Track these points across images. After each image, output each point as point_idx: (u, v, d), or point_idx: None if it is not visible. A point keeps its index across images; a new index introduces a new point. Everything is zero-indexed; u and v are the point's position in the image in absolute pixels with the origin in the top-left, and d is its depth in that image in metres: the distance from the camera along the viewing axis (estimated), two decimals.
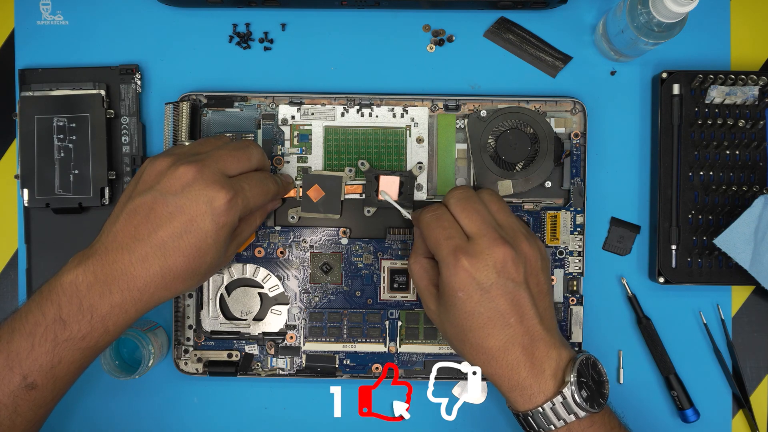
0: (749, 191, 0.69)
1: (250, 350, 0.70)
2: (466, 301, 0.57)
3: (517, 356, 0.57)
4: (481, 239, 0.57)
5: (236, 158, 0.59)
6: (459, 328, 0.58)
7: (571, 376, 0.56)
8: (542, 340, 0.57)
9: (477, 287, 0.56)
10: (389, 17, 0.72)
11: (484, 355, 0.57)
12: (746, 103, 0.68)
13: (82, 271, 0.55)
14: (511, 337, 0.57)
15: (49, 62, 0.71)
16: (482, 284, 0.56)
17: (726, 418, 0.71)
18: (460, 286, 0.57)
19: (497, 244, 0.57)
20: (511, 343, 0.57)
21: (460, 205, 0.59)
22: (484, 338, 0.57)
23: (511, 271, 0.57)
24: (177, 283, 0.57)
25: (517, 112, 0.69)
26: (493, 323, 0.57)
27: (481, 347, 0.57)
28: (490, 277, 0.56)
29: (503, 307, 0.56)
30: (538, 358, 0.57)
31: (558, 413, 0.56)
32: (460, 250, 0.57)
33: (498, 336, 0.57)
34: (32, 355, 0.54)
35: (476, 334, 0.57)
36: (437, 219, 0.60)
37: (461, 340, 0.58)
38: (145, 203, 0.56)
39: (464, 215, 0.59)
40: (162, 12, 0.71)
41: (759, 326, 0.71)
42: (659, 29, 0.62)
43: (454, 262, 0.57)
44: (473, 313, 0.57)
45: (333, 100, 0.69)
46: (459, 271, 0.57)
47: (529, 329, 0.57)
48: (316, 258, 0.69)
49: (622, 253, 0.71)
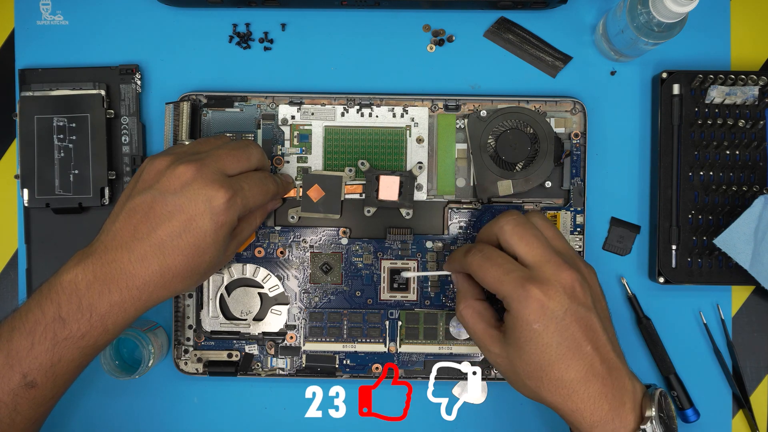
0: (749, 191, 0.69)
1: (250, 350, 0.70)
2: (542, 333, 0.54)
3: (598, 388, 0.54)
4: (545, 266, 0.55)
5: (236, 158, 0.59)
6: (535, 364, 0.55)
7: (653, 410, 0.54)
8: (617, 370, 0.55)
9: (552, 316, 0.54)
10: (389, 17, 0.72)
11: (565, 389, 0.54)
12: (746, 103, 0.68)
13: (82, 269, 0.55)
14: (590, 366, 0.54)
15: (49, 62, 0.71)
16: (556, 312, 0.54)
17: (726, 418, 0.71)
18: (535, 317, 0.54)
19: (563, 268, 0.55)
20: (591, 373, 0.54)
21: (518, 233, 0.57)
22: (564, 371, 0.54)
23: (580, 296, 0.55)
24: (176, 282, 0.57)
25: (517, 112, 0.69)
26: (572, 353, 0.54)
27: (561, 381, 0.54)
28: (563, 303, 0.54)
29: (579, 335, 0.54)
30: (617, 390, 0.54)
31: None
32: (528, 280, 0.54)
33: (577, 367, 0.54)
34: (32, 353, 0.54)
35: (555, 367, 0.54)
36: (488, 258, 0.57)
37: (538, 377, 0.55)
38: (144, 202, 0.56)
39: (523, 243, 0.57)
40: (162, 12, 0.71)
41: (759, 326, 0.71)
42: (659, 29, 0.62)
43: (524, 294, 0.54)
44: (550, 345, 0.54)
45: (333, 100, 0.69)
46: (531, 302, 0.54)
47: (605, 357, 0.55)
48: (316, 258, 0.69)
49: (622, 253, 0.71)
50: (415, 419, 0.71)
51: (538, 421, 0.71)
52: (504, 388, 0.70)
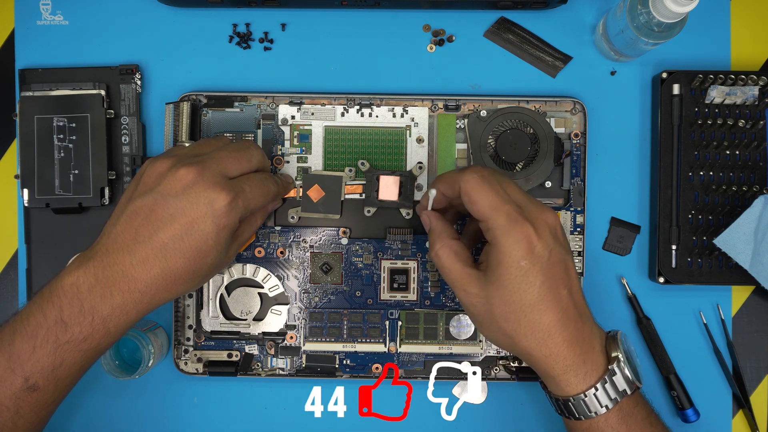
0: (749, 191, 0.69)
1: (250, 350, 0.70)
2: (528, 271, 0.53)
3: (571, 332, 0.54)
4: (530, 205, 0.55)
5: (236, 159, 0.59)
6: (515, 305, 0.54)
7: (620, 352, 0.54)
8: (586, 315, 0.56)
9: (539, 255, 0.54)
10: (389, 17, 0.72)
11: (541, 332, 0.54)
12: (746, 103, 0.68)
13: (83, 273, 0.55)
14: (566, 310, 0.54)
15: (49, 62, 0.71)
16: (542, 252, 0.54)
17: (726, 418, 0.71)
18: (523, 254, 0.53)
19: (544, 209, 0.55)
20: (566, 317, 0.54)
21: (497, 177, 0.56)
22: (543, 313, 0.54)
23: (561, 237, 0.55)
24: (178, 284, 0.57)
25: (517, 112, 0.69)
26: (551, 295, 0.54)
27: (539, 324, 0.54)
28: (549, 243, 0.54)
29: (559, 276, 0.54)
30: (587, 334, 0.55)
31: (609, 392, 0.54)
32: (521, 214, 0.54)
33: (554, 310, 0.54)
34: (34, 357, 0.54)
35: (535, 308, 0.54)
36: (487, 181, 0.55)
37: (516, 320, 0.54)
38: (145, 205, 0.56)
39: (509, 185, 0.56)
40: (162, 12, 0.71)
41: (759, 326, 0.71)
42: (659, 29, 0.62)
43: (517, 228, 0.53)
44: (534, 285, 0.54)
45: (333, 100, 0.69)
46: (522, 237, 0.53)
47: (577, 302, 0.55)
48: (316, 258, 0.69)
49: (622, 253, 0.71)
50: (415, 419, 0.71)
51: (538, 422, 0.71)
52: (504, 388, 0.70)
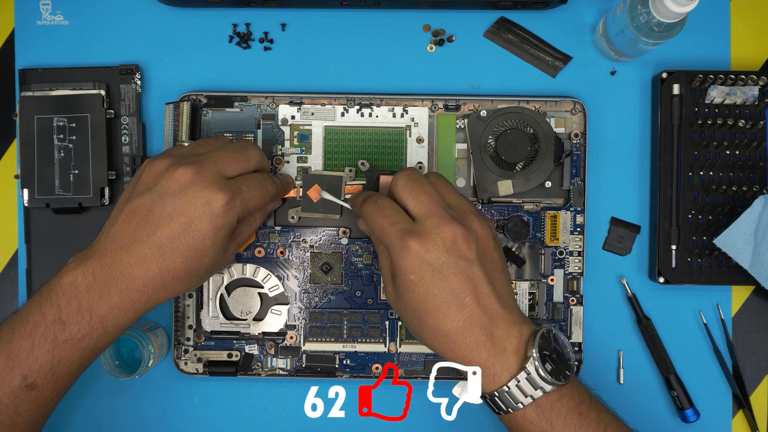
0: (749, 191, 0.69)
1: (250, 350, 0.70)
2: (418, 283, 0.56)
3: (476, 336, 0.55)
4: (428, 219, 0.56)
5: (235, 159, 0.59)
6: (414, 312, 0.57)
7: (533, 350, 0.55)
8: (501, 318, 0.56)
9: (428, 268, 0.55)
10: (389, 17, 0.72)
11: (443, 338, 0.56)
12: (746, 103, 0.68)
13: (81, 272, 0.55)
14: (469, 317, 0.55)
15: (49, 62, 0.71)
16: (433, 265, 0.55)
17: (726, 418, 0.71)
18: (411, 269, 0.55)
19: (446, 222, 0.56)
20: (470, 323, 0.55)
21: (408, 186, 0.58)
22: (440, 320, 0.56)
23: (463, 249, 0.56)
24: (176, 283, 0.57)
25: (517, 112, 0.69)
26: (448, 304, 0.55)
27: (439, 330, 0.56)
28: (440, 256, 0.55)
29: (457, 287, 0.55)
30: (499, 337, 0.56)
31: (524, 390, 0.55)
32: (407, 233, 0.56)
33: (455, 317, 0.55)
34: (32, 355, 0.54)
35: (432, 316, 0.56)
36: (378, 208, 0.59)
37: (419, 324, 0.57)
38: (143, 205, 0.56)
39: (412, 196, 0.58)
40: (162, 12, 0.71)
41: (759, 326, 0.71)
42: (659, 29, 0.62)
43: (402, 245, 0.56)
44: (427, 295, 0.56)
45: (333, 100, 0.69)
46: (408, 254, 0.55)
47: (487, 308, 0.56)
48: (316, 258, 0.69)
49: (622, 253, 0.71)
50: (415, 419, 0.71)
51: None
52: None
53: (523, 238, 0.69)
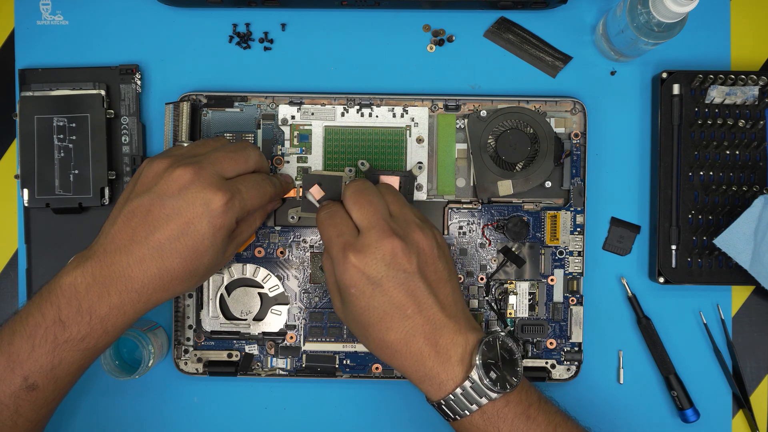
0: (749, 191, 0.69)
1: (250, 350, 0.70)
2: (359, 297, 0.57)
3: (420, 347, 0.56)
4: (369, 232, 0.57)
5: (233, 160, 0.59)
6: (358, 324, 0.58)
7: (476, 359, 0.55)
8: (446, 327, 0.57)
9: (367, 282, 0.56)
10: (389, 17, 0.72)
11: (388, 348, 0.57)
12: (746, 103, 0.68)
13: (81, 272, 0.55)
14: (411, 328, 0.56)
15: (49, 62, 0.71)
16: (372, 278, 0.56)
17: (726, 418, 0.71)
18: (351, 282, 0.57)
19: (386, 236, 0.57)
20: (412, 334, 0.56)
21: (354, 197, 0.59)
22: (384, 332, 0.57)
23: (402, 262, 0.56)
24: (175, 284, 0.57)
25: (517, 112, 0.69)
26: (390, 316, 0.56)
27: (383, 341, 0.57)
28: (379, 270, 0.56)
29: (398, 299, 0.56)
30: (443, 346, 0.56)
31: (470, 397, 0.55)
32: (349, 246, 0.57)
33: (397, 328, 0.56)
34: (33, 356, 0.54)
35: (375, 328, 0.57)
36: (330, 216, 0.60)
37: (364, 336, 0.58)
38: (142, 205, 0.56)
39: (356, 207, 0.59)
40: (162, 12, 0.71)
41: (759, 326, 0.71)
42: (659, 29, 0.62)
43: (343, 259, 0.57)
44: (368, 308, 0.57)
45: (333, 100, 0.69)
46: (348, 267, 0.56)
47: (430, 318, 0.56)
48: (316, 258, 0.69)
49: (622, 253, 0.71)
50: (416, 419, 0.71)
51: None
52: None
53: (523, 238, 0.69)
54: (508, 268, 0.70)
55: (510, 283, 0.70)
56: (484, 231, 0.69)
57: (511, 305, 0.69)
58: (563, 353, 0.70)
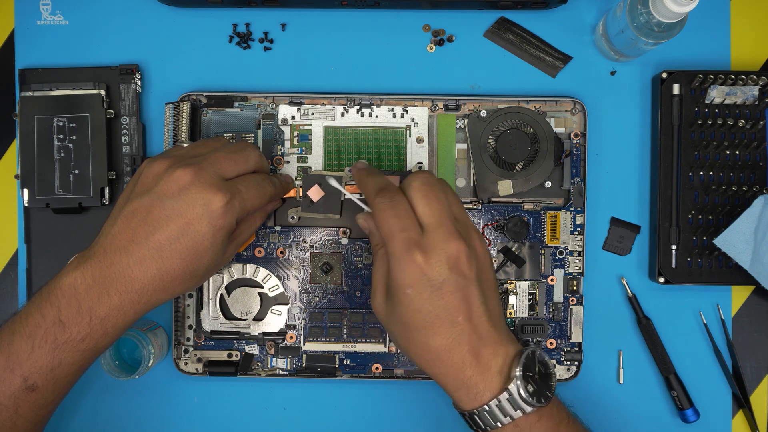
0: (749, 191, 0.69)
1: (250, 350, 0.70)
2: (414, 298, 0.55)
3: (463, 355, 0.55)
4: (436, 232, 0.55)
5: (233, 161, 0.59)
6: (404, 326, 0.56)
7: (517, 371, 0.54)
8: (490, 338, 0.56)
9: (428, 284, 0.54)
10: (389, 17, 0.72)
11: (429, 354, 0.55)
12: (746, 103, 0.68)
13: (81, 273, 0.55)
14: (459, 335, 0.55)
15: (49, 62, 0.71)
16: (433, 281, 0.54)
17: (726, 418, 0.71)
18: (410, 282, 0.54)
19: (452, 238, 0.55)
20: (458, 342, 0.55)
21: (423, 190, 0.57)
22: (430, 336, 0.55)
23: (464, 268, 0.55)
24: (175, 284, 0.57)
25: (517, 112, 0.69)
26: (440, 321, 0.55)
27: (427, 346, 0.55)
28: (442, 273, 0.54)
29: (453, 305, 0.55)
30: (485, 357, 0.55)
31: (504, 410, 0.54)
32: (414, 244, 0.54)
33: (445, 335, 0.55)
34: (32, 357, 0.54)
35: (422, 332, 0.55)
36: (393, 206, 0.56)
37: (406, 338, 0.56)
38: (142, 206, 0.56)
39: (425, 201, 0.56)
40: (162, 12, 0.71)
41: (759, 326, 0.71)
42: (659, 29, 0.62)
43: (407, 256, 0.54)
44: (420, 311, 0.55)
45: (333, 100, 0.69)
46: (410, 266, 0.54)
47: (477, 327, 0.55)
48: (316, 258, 0.69)
49: (622, 253, 0.71)
50: (415, 419, 0.71)
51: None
52: None
53: (523, 238, 0.69)
54: (508, 268, 0.69)
55: (510, 283, 0.70)
56: (484, 231, 0.69)
57: (511, 305, 0.69)
58: (563, 353, 0.70)
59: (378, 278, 0.59)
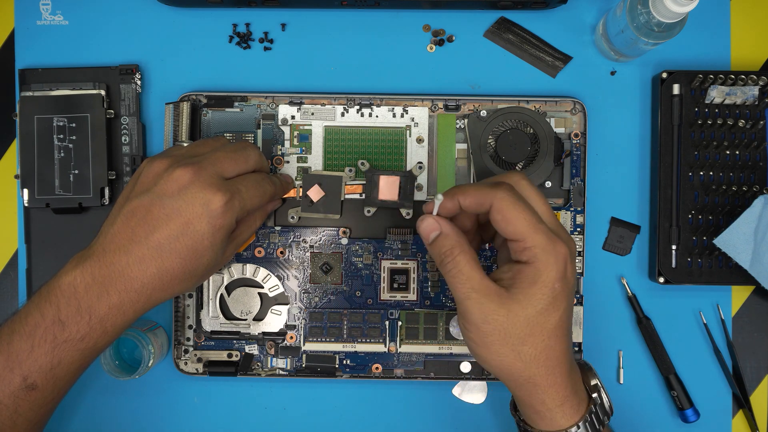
0: (749, 191, 0.69)
1: (250, 350, 0.70)
2: (559, 294, 0.51)
3: (571, 365, 0.54)
4: (560, 229, 0.54)
5: (233, 160, 0.59)
6: (538, 327, 0.51)
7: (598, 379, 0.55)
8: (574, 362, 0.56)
9: (568, 280, 0.52)
10: (389, 17, 0.72)
11: (553, 360, 0.52)
12: (746, 103, 0.68)
13: (80, 272, 0.55)
14: (568, 344, 0.53)
15: (49, 62, 0.71)
16: (571, 278, 0.53)
17: (726, 418, 0.71)
18: (559, 275, 0.51)
19: (569, 241, 0.54)
20: (568, 349, 0.54)
21: (537, 192, 0.55)
22: (557, 339, 0.52)
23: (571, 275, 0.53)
24: (174, 284, 0.57)
25: (517, 112, 0.69)
26: (565, 323, 0.53)
27: (553, 351, 0.52)
28: (575, 268, 0.53)
29: (571, 305, 0.54)
30: (576, 371, 0.55)
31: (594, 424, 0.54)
32: (554, 239, 0.51)
33: (565, 338, 0.53)
34: (32, 356, 0.54)
35: (553, 334, 0.52)
36: (520, 199, 0.52)
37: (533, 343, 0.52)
38: (142, 205, 0.56)
39: (540, 204, 0.54)
40: (162, 12, 0.71)
41: (759, 326, 0.71)
42: (659, 29, 0.62)
43: (555, 248, 0.51)
44: (559, 310, 0.52)
45: (333, 100, 0.69)
46: (560, 258, 0.51)
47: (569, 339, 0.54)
48: (316, 258, 0.69)
49: (622, 253, 0.71)
50: (416, 419, 0.71)
51: None
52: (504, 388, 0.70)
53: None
54: None
55: None
56: None
57: None
58: None
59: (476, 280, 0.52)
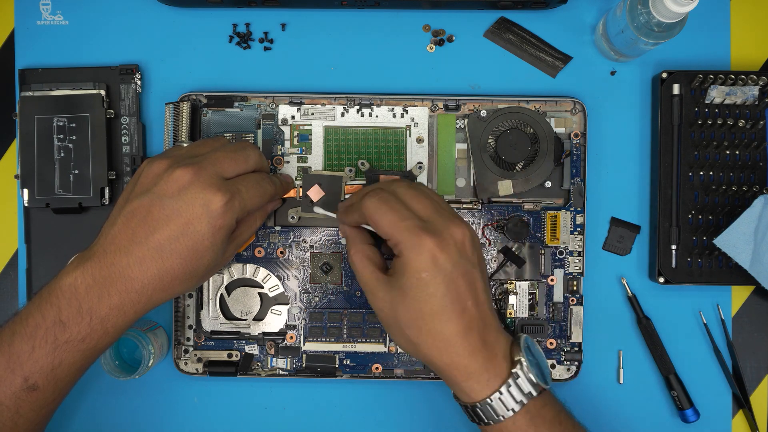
0: (749, 191, 0.69)
1: (250, 350, 0.70)
2: (429, 282, 0.54)
3: (474, 341, 0.55)
4: (438, 219, 0.56)
5: (233, 160, 0.59)
6: (416, 313, 0.55)
7: (522, 356, 0.55)
8: (492, 324, 0.57)
9: (441, 268, 0.54)
10: (389, 17, 0.72)
11: (443, 342, 0.55)
12: (746, 103, 0.68)
13: (81, 273, 0.55)
14: (469, 321, 0.55)
15: (49, 62, 0.71)
16: (445, 265, 0.54)
17: (726, 418, 0.71)
18: (424, 266, 0.54)
19: (455, 223, 0.56)
20: (469, 327, 0.55)
21: (410, 193, 0.58)
22: (444, 323, 0.55)
23: (469, 252, 0.56)
24: (175, 284, 0.57)
25: (517, 112, 0.69)
26: (453, 307, 0.55)
27: (440, 334, 0.55)
28: (453, 256, 0.55)
29: (462, 290, 0.55)
30: (491, 343, 0.56)
31: (514, 396, 0.55)
32: (423, 229, 0.55)
33: (457, 321, 0.55)
34: (33, 357, 0.54)
35: (436, 318, 0.55)
36: (385, 202, 0.57)
37: (418, 327, 0.55)
38: (142, 206, 0.56)
39: (416, 200, 0.57)
40: (162, 12, 0.71)
41: (759, 326, 0.71)
42: (659, 29, 0.62)
43: (417, 241, 0.54)
44: (435, 296, 0.54)
45: (333, 100, 0.69)
46: (423, 250, 0.54)
47: (483, 313, 0.56)
48: (316, 258, 0.69)
49: (622, 253, 0.71)
50: (415, 419, 0.71)
51: None
52: None
53: (523, 238, 0.69)
54: (508, 268, 0.69)
55: (510, 283, 0.70)
56: (484, 231, 0.69)
57: (511, 305, 0.69)
58: (563, 353, 0.70)
59: (368, 276, 0.58)
